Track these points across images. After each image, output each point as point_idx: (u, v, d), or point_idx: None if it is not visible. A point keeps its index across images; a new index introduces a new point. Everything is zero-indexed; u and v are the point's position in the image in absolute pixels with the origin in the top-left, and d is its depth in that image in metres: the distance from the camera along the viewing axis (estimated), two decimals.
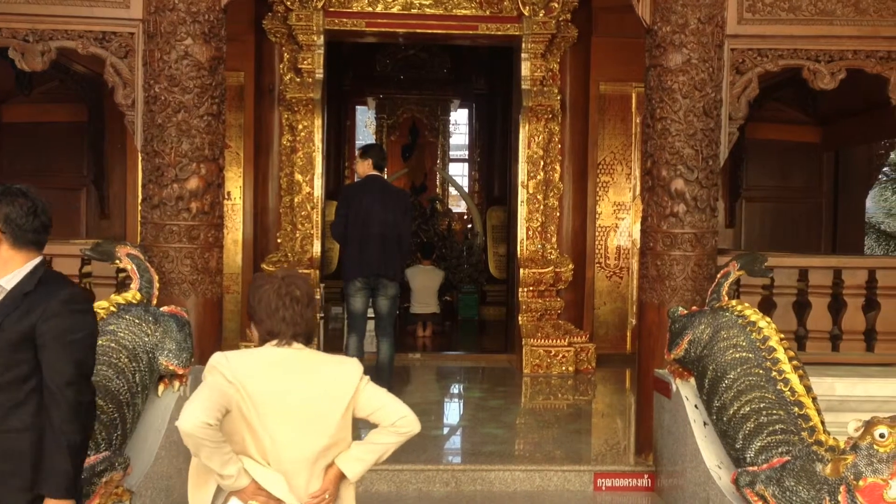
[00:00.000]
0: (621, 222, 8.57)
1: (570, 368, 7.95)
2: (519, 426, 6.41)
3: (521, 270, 8.14)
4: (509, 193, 9.30)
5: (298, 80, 8.13)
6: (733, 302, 4.42)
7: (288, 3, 7.95)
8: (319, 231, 8.14)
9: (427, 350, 9.43)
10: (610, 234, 8.58)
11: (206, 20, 4.90)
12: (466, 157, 16.54)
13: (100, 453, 3.51)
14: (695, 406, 4.47)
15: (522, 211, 8.22)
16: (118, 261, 4.56)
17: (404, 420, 2.67)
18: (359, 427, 2.91)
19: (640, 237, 5.42)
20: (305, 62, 8.05)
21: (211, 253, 4.98)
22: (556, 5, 8.01)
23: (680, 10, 5.04)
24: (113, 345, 3.93)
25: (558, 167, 8.40)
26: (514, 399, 7.27)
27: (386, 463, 4.94)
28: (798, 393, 3.83)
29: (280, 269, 2.88)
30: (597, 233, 8.55)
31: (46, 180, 8.81)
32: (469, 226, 13.19)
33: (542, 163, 8.24)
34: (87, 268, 5.23)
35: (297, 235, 8.12)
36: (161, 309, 4.29)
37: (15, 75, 7.50)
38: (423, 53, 13.53)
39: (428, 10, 8.19)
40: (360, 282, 6.62)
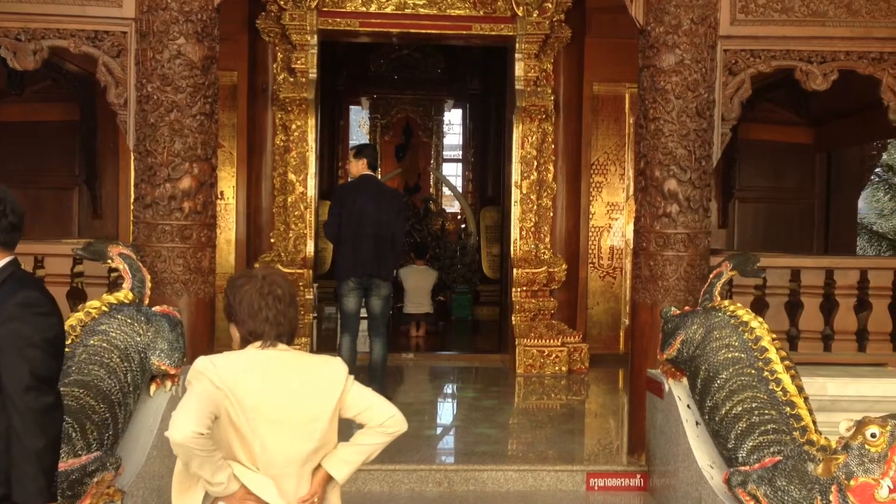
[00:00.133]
0: (614, 222, 8.58)
1: (564, 368, 7.95)
2: (512, 426, 6.41)
3: (515, 270, 8.14)
4: (503, 193, 9.31)
5: (292, 80, 8.12)
6: (726, 302, 4.43)
7: (281, 3, 7.94)
8: (313, 231, 8.13)
9: (420, 350, 9.42)
10: (603, 235, 8.59)
11: (199, 19, 4.89)
12: (460, 157, 16.55)
13: (91, 453, 3.50)
14: (687, 406, 4.47)
15: (516, 211, 8.23)
16: (110, 260, 4.55)
17: (392, 420, 2.62)
18: (352, 427, 2.90)
19: (633, 237, 5.43)
20: (299, 62, 8.04)
21: (203, 253, 4.96)
22: (550, 6, 8.02)
23: (673, 11, 5.04)
24: (104, 344, 3.92)
25: (552, 167, 8.41)
26: (508, 399, 7.28)
27: (378, 463, 4.95)
28: (790, 393, 3.84)
29: (258, 268, 2.81)
30: (590, 233, 8.56)
31: (38, 180, 8.80)
32: (463, 226, 13.19)
33: (536, 163, 8.25)
34: (79, 267, 5.22)
35: (291, 235, 8.11)
36: (153, 309, 4.28)
37: (7, 74, 7.46)
38: (417, 53, 13.52)
39: (422, 10, 8.19)
40: (354, 282, 6.62)
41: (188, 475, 2.52)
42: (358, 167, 6.85)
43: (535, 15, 8.04)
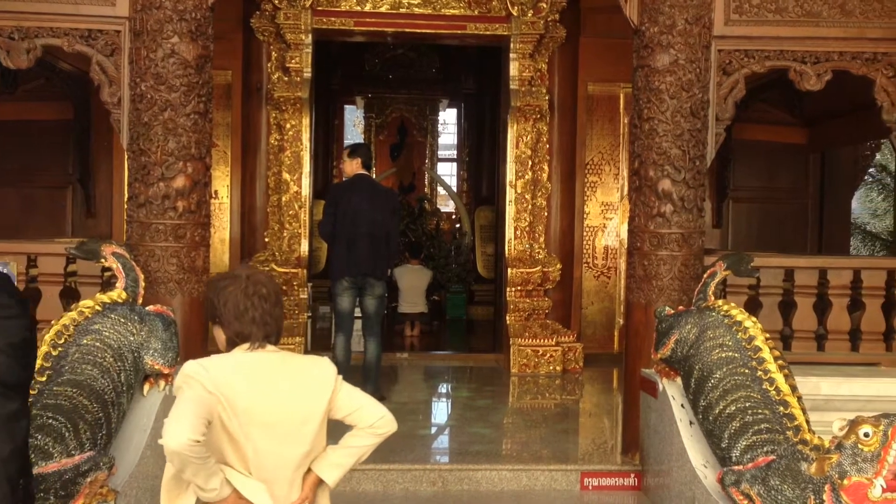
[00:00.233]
0: (609, 222, 8.59)
1: (558, 368, 7.96)
2: (506, 426, 6.41)
3: (509, 270, 8.15)
4: (497, 193, 9.30)
5: (286, 79, 8.11)
6: (720, 302, 4.43)
7: (276, 2, 7.93)
8: (307, 230, 8.12)
9: (415, 350, 9.42)
10: (597, 234, 8.60)
11: (193, 18, 4.87)
12: (455, 157, 16.54)
13: (84, 453, 3.49)
14: (681, 405, 4.48)
15: (510, 211, 8.23)
16: (103, 259, 4.54)
17: (383, 421, 2.58)
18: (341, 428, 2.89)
19: (628, 237, 5.43)
20: (293, 61, 8.03)
21: (197, 252, 4.95)
22: (545, 5, 8.02)
23: (667, 11, 5.05)
24: (98, 344, 3.91)
25: (546, 167, 8.41)
26: (502, 399, 7.28)
27: (373, 462, 4.95)
28: (783, 392, 3.85)
29: (241, 268, 2.76)
30: (584, 233, 8.57)
31: (32, 179, 8.79)
32: (457, 225, 13.20)
33: (531, 163, 8.25)
34: (73, 266, 5.20)
35: (285, 235, 8.11)
36: (147, 308, 4.26)
37: (0, 73, 7.44)
38: (412, 53, 13.52)
39: (416, 10, 8.19)
40: (348, 281, 6.61)
41: (178, 481, 2.48)
42: (352, 167, 6.85)
43: (530, 15, 8.04)
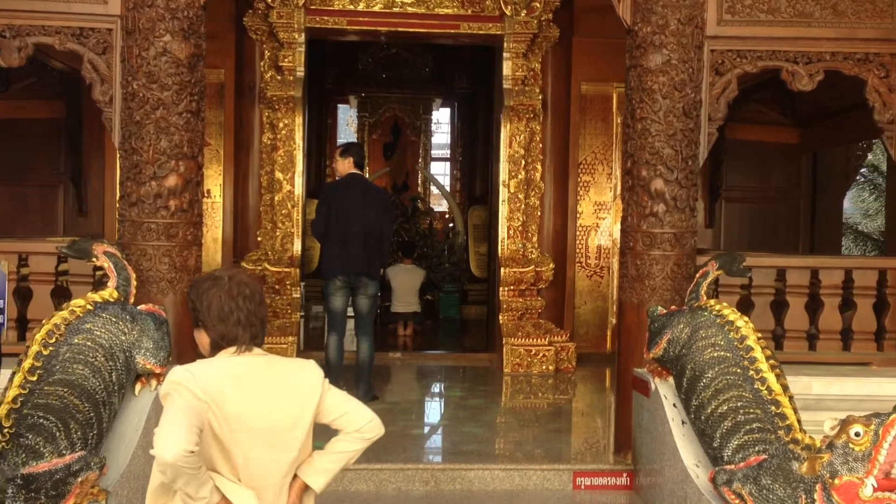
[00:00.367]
0: (602, 222, 8.60)
1: (551, 367, 7.96)
2: (499, 425, 6.41)
3: (502, 270, 8.15)
4: (490, 193, 9.31)
5: (279, 78, 8.09)
6: (712, 301, 4.44)
7: (269, 1, 7.92)
8: (300, 229, 8.11)
9: (408, 349, 9.41)
10: (590, 234, 8.60)
11: (186, 17, 4.86)
12: (448, 156, 16.54)
13: (75, 453, 3.48)
14: (673, 405, 4.48)
15: (503, 210, 8.23)
16: (95, 258, 4.52)
17: (370, 425, 2.54)
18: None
19: (620, 237, 5.44)
20: (286, 60, 8.01)
21: (189, 251, 4.94)
22: (538, 5, 8.03)
23: (660, 11, 5.06)
24: (89, 343, 3.89)
25: (539, 166, 8.41)
26: (495, 398, 7.28)
27: (365, 462, 4.95)
28: (775, 392, 3.86)
29: (222, 268, 2.70)
30: (577, 232, 8.58)
31: (24, 177, 8.76)
32: (450, 225, 13.19)
33: (524, 162, 8.25)
34: (64, 265, 5.19)
35: (278, 234, 8.09)
36: (138, 307, 4.25)
37: None
38: (406, 52, 13.50)
39: (410, 9, 8.18)
40: (341, 280, 6.61)
41: (165, 489, 2.42)
42: (344, 166, 6.84)
43: (523, 14, 8.05)
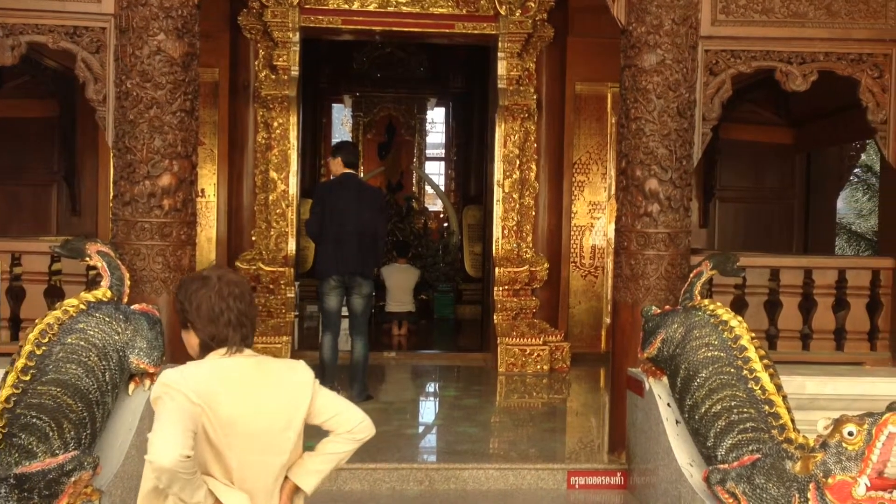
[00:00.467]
0: (596, 221, 8.61)
1: (545, 367, 7.97)
2: (493, 425, 6.41)
3: (497, 269, 8.15)
4: (485, 192, 9.31)
5: (274, 77, 8.08)
6: (706, 301, 4.45)
7: (263, 0, 7.90)
8: (294, 229, 8.10)
9: (402, 349, 9.41)
10: (585, 234, 8.61)
11: (179, 15, 4.85)
12: (443, 156, 16.54)
13: (68, 453, 3.47)
14: (667, 404, 4.49)
15: (498, 210, 8.24)
16: (88, 258, 4.51)
17: (362, 426, 2.52)
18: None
19: (615, 236, 5.44)
20: (281, 59, 8.00)
21: (183, 251, 4.93)
22: (533, 5, 8.03)
23: (654, 11, 5.06)
24: (82, 343, 3.88)
25: (534, 166, 8.42)
26: (489, 398, 7.28)
27: (359, 461, 4.95)
28: (768, 391, 3.86)
29: (210, 268, 2.66)
30: (572, 232, 8.58)
31: (17, 176, 8.71)
32: (445, 224, 13.19)
33: (518, 162, 8.25)
34: (57, 265, 5.17)
35: (272, 233, 8.08)
36: (132, 307, 4.24)
37: None
38: (400, 51, 13.49)
39: (405, 9, 8.17)
40: (335, 280, 6.60)
41: (157, 493, 2.39)
42: (335, 166, 6.84)
43: (518, 14, 8.05)
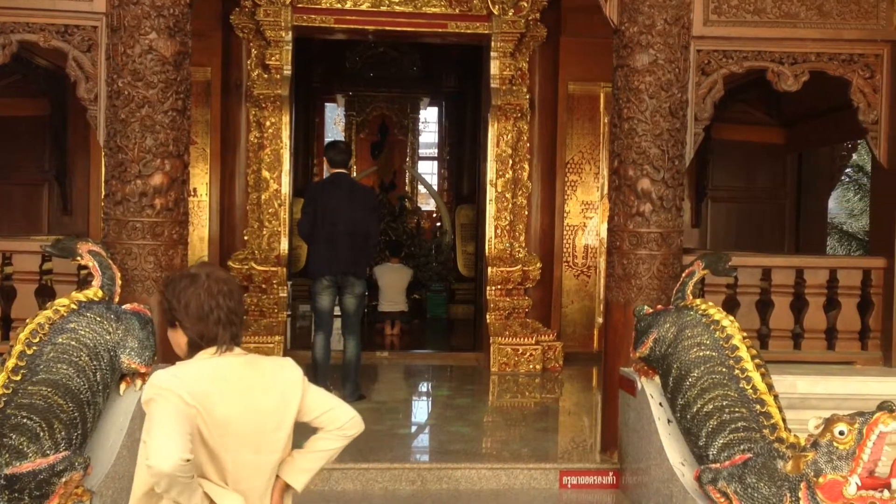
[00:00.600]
0: (589, 221, 8.62)
1: (538, 367, 7.98)
2: (486, 424, 6.41)
3: (489, 269, 8.15)
4: (478, 192, 9.31)
5: (266, 77, 8.07)
6: (698, 301, 4.45)
7: None
8: (287, 228, 8.09)
9: (395, 348, 9.41)
10: (578, 233, 8.62)
11: (171, 14, 4.84)
12: (436, 156, 16.54)
13: (59, 453, 3.45)
14: (659, 404, 4.50)
15: (491, 209, 8.24)
16: (79, 257, 4.49)
17: (352, 422, 2.50)
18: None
19: (607, 236, 5.45)
20: (273, 58, 7.98)
21: (175, 250, 4.91)
22: (525, 4, 8.04)
23: (647, 11, 5.07)
24: (73, 343, 3.86)
25: (527, 166, 8.42)
26: (482, 397, 7.28)
27: (352, 461, 4.95)
28: (760, 391, 3.87)
29: (198, 266, 2.64)
30: (565, 231, 8.59)
31: (8, 175, 8.67)
32: (438, 224, 13.19)
33: (511, 161, 8.26)
34: (48, 264, 5.15)
35: (265, 233, 8.07)
36: (123, 307, 4.22)
37: None
38: (393, 51, 13.49)
39: (397, 8, 8.17)
40: (328, 280, 6.59)
41: (150, 497, 2.36)
42: (328, 166, 6.85)
43: (511, 14, 8.06)
